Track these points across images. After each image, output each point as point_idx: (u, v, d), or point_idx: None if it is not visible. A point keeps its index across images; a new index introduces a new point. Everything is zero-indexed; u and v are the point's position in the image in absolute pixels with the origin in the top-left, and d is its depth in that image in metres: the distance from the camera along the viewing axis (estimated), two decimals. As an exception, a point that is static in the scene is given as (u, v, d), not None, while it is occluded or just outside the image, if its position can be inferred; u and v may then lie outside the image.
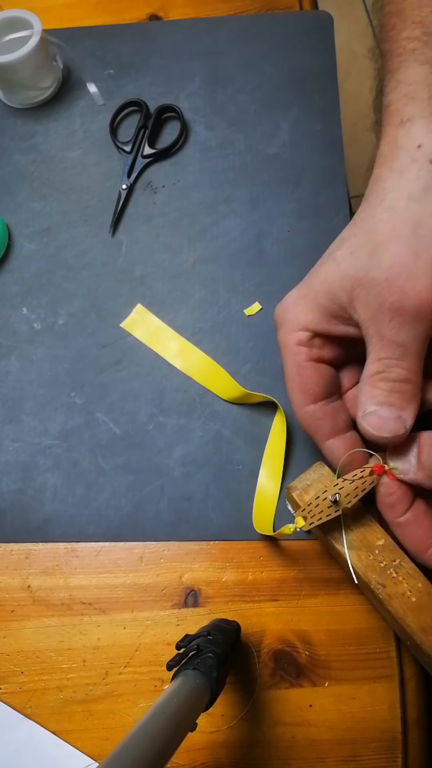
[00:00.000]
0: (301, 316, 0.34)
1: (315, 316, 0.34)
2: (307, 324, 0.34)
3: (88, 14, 0.60)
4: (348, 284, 0.32)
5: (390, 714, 0.37)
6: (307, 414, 0.35)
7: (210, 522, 0.41)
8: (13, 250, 0.50)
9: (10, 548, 0.41)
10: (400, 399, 0.32)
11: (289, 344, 0.34)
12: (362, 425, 0.33)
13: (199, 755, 0.36)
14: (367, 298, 0.32)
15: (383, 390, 0.32)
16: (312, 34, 0.56)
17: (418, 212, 0.32)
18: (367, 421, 0.32)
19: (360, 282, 0.32)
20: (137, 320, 0.47)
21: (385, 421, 0.32)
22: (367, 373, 0.33)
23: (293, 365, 0.34)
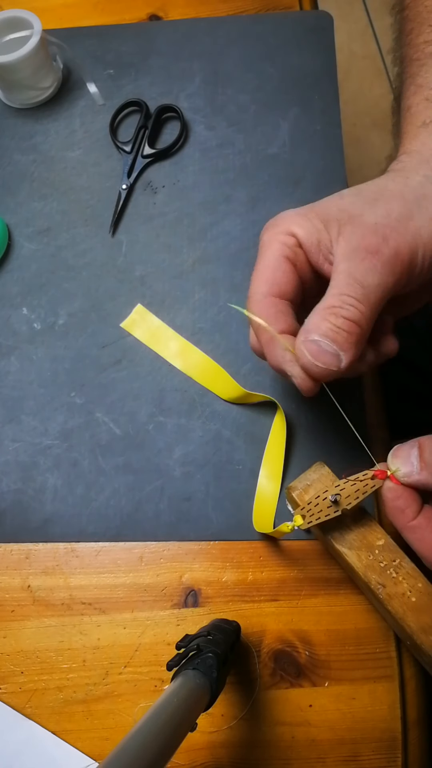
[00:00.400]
0: (294, 225, 0.34)
1: (307, 231, 0.33)
2: (298, 233, 0.33)
3: (88, 14, 0.60)
4: (343, 218, 0.33)
5: (390, 714, 0.37)
6: (270, 303, 0.33)
7: (210, 522, 0.41)
8: (13, 250, 0.50)
9: (10, 548, 0.41)
10: (344, 339, 0.31)
11: (275, 241, 0.34)
12: (300, 349, 0.32)
13: (199, 755, 0.36)
14: (351, 236, 0.32)
15: (332, 324, 0.31)
16: (312, 34, 0.56)
17: (429, 190, 0.33)
18: (306, 346, 0.31)
19: (353, 219, 0.32)
20: (137, 320, 0.47)
21: (323, 352, 0.31)
22: (322, 304, 0.32)
23: (272, 258, 0.33)
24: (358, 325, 0.31)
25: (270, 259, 0.33)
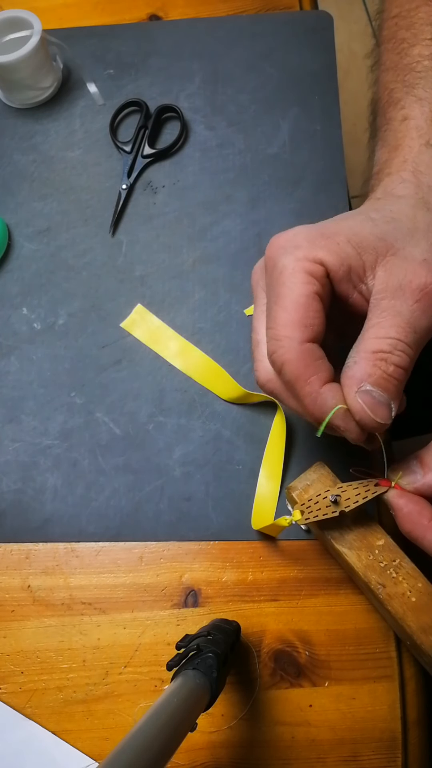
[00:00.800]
0: (320, 251, 0.30)
1: (335, 259, 0.30)
2: (325, 260, 0.30)
3: (88, 14, 0.60)
4: (381, 247, 0.30)
5: (390, 714, 0.37)
6: (308, 351, 0.29)
7: (210, 522, 0.41)
8: (13, 250, 0.50)
9: (10, 548, 0.41)
10: (394, 387, 0.29)
11: (300, 272, 0.30)
12: (356, 401, 0.29)
13: (199, 755, 0.36)
14: (394, 269, 0.29)
15: (383, 372, 0.29)
16: (312, 34, 0.56)
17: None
18: (362, 398, 0.29)
19: (395, 251, 0.30)
20: (137, 320, 0.47)
21: (379, 404, 0.29)
22: (369, 346, 0.29)
23: (299, 294, 0.29)
24: (406, 372, 0.29)
25: (299, 295, 0.30)
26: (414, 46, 0.37)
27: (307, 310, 0.29)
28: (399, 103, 0.37)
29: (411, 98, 0.36)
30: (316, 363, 0.30)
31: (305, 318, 0.29)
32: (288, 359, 0.30)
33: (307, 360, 0.29)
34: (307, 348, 0.29)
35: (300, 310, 0.29)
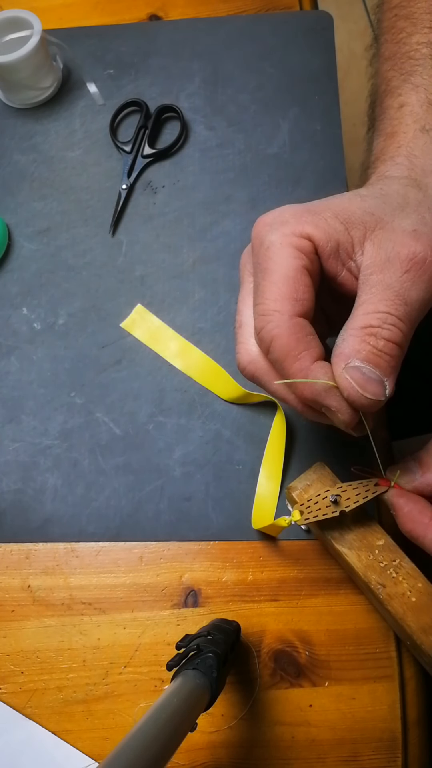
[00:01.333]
0: (309, 226, 0.29)
1: (322, 234, 0.29)
2: (313, 235, 0.29)
3: (88, 14, 0.60)
4: (370, 221, 0.29)
5: (390, 714, 0.37)
6: (298, 325, 0.28)
7: (210, 522, 0.41)
8: (13, 250, 0.50)
9: (10, 548, 0.41)
10: (387, 363, 0.28)
11: (288, 246, 0.29)
12: (344, 377, 0.28)
13: (199, 755, 0.36)
14: (382, 242, 0.28)
15: (372, 347, 0.28)
16: (312, 34, 0.56)
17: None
18: (351, 374, 0.27)
19: (383, 224, 0.29)
20: (137, 320, 0.47)
21: (369, 380, 0.27)
22: (358, 323, 0.28)
23: (288, 267, 0.29)
24: (399, 346, 0.28)
25: (287, 268, 0.29)
26: (413, 35, 0.37)
27: (296, 283, 0.29)
28: (396, 91, 0.36)
29: (408, 86, 0.36)
30: (307, 338, 0.29)
31: (295, 291, 0.29)
32: (277, 334, 0.29)
33: (298, 334, 0.29)
34: (297, 322, 0.29)
35: (289, 283, 0.29)
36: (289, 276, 0.29)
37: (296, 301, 0.29)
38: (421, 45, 0.36)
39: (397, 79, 0.37)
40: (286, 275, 0.29)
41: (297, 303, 0.29)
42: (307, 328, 0.29)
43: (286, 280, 0.29)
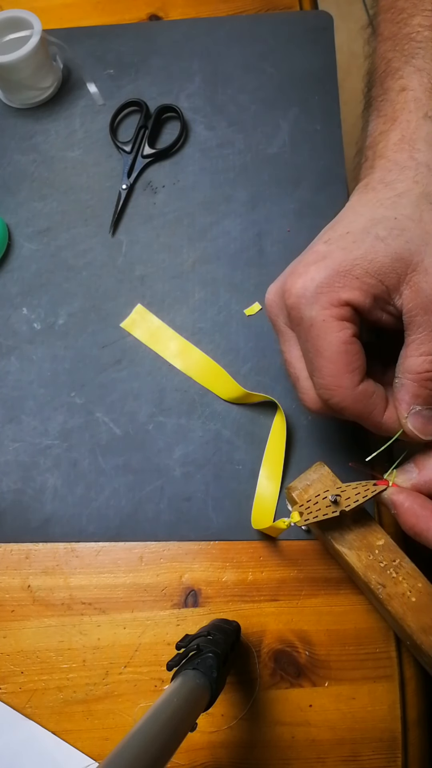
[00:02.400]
0: (343, 292, 0.30)
1: (359, 295, 0.30)
2: (351, 300, 0.30)
3: (88, 14, 0.60)
4: (400, 266, 0.30)
5: (390, 714, 0.37)
6: (362, 393, 0.31)
7: (210, 522, 0.41)
8: (13, 250, 0.50)
9: (10, 548, 0.41)
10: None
11: (330, 321, 0.30)
12: (407, 425, 0.31)
13: (199, 755, 0.36)
14: (419, 284, 0.30)
15: (430, 391, 0.30)
16: (312, 34, 0.56)
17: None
18: (413, 422, 0.31)
19: (415, 266, 0.30)
20: (137, 320, 0.47)
21: (428, 422, 0.31)
22: (413, 367, 0.30)
23: (338, 343, 0.30)
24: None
25: (337, 345, 0.30)
26: (414, 15, 0.36)
27: (349, 356, 0.31)
28: (397, 73, 0.36)
29: (410, 68, 0.35)
30: (372, 400, 0.31)
31: (350, 364, 0.31)
32: (346, 405, 0.31)
33: (365, 401, 0.31)
34: (359, 391, 0.31)
35: (343, 358, 0.30)
36: (341, 351, 0.30)
37: (353, 372, 0.31)
38: (423, 28, 0.35)
39: (398, 60, 0.36)
40: (338, 351, 0.30)
41: (354, 374, 0.31)
42: (369, 390, 0.31)
43: (339, 356, 0.30)
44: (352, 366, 0.31)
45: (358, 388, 0.31)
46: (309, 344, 0.32)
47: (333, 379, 0.31)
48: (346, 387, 0.31)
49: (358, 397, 0.31)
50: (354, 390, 0.31)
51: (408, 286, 0.30)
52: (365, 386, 0.31)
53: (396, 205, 0.32)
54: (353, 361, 0.31)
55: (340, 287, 0.30)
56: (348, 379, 0.31)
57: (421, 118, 0.33)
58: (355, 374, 0.31)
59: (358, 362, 0.31)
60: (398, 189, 0.32)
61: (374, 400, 0.32)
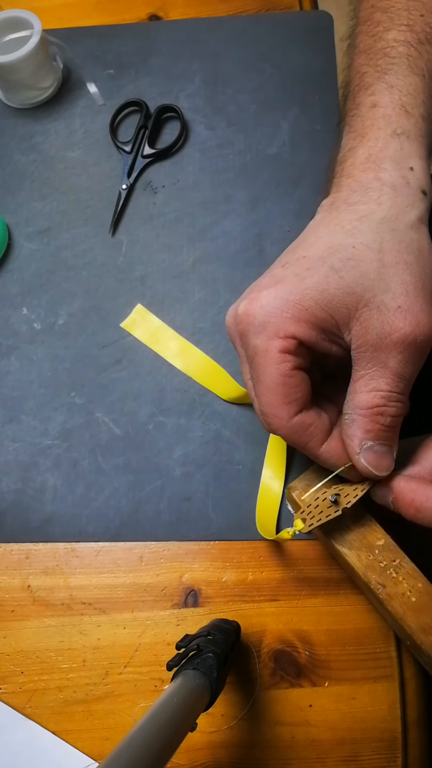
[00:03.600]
0: (290, 323, 0.30)
1: (306, 327, 0.30)
2: (296, 333, 0.30)
3: (88, 14, 0.60)
4: (351, 301, 0.30)
5: (390, 714, 0.37)
6: (298, 425, 0.31)
7: (210, 522, 0.41)
8: (13, 250, 0.50)
9: (10, 548, 0.41)
10: (393, 435, 0.31)
11: (272, 351, 0.30)
12: (360, 462, 0.31)
13: (199, 755, 0.36)
14: (370, 322, 0.29)
15: (381, 426, 0.30)
16: (312, 34, 0.56)
17: (418, 242, 0.31)
18: (365, 457, 0.31)
19: (366, 302, 0.29)
20: (137, 320, 0.47)
21: (381, 457, 0.31)
22: (363, 403, 0.30)
23: (276, 375, 0.31)
24: (401, 417, 0.31)
25: (277, 376, 0.31)
26: (389, 30, 0.36)
27: (287, 388, 0.31)
28: (369, 89, 0.35)
29: (382, 84, 0.35)
30: (309, 431, 0.31)
31: (287, 396, 0.31)
32: (283, 433, 0.32)
33: (300, 433, 0.31)
34: (296, 422, 0.31)
35: (281, 389, 0.31)
36: (280, 383, 0.31)
37: (290, 404, 0.31)
38: (397, 43, 0.35)
39: (371, 75, 0.36)
40: (276, 383, 0.31)
41: (291, 405, 0.31)
42: (307, 421, 0.31)
43: (277, 387, 0.31)
44: (289, 398, 0.31)
45: (294, 419, 0.31)
46: (253, 371, 0.32)
47: (270, 408, 0.31)
48: (281, 417, 0.31)
49: (293, 428, 0.31)
50: (289, 421, 0.31)
51: (358, 322, 0.30)
52: (302, 418, 0.31)
53: (356, 231, 0.31)
54: (291, 393, 0.31)
55: (287, 317, 0.30)
56: (285, 411, 0.31)
57: (389, 136, 0.33)
58: (292, 406, 0.31)
59: (297, 394, 0.31)
60: (360, 212, 0.32)
61: (312, 431, 0.32)
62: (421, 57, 0.34)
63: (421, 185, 0.32)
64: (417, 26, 0.35)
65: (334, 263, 0.30)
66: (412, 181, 0.32)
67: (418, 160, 0.32)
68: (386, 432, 0.31)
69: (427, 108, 0.34)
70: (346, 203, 0.32)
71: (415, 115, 0.33)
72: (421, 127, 0.33)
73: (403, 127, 0.33)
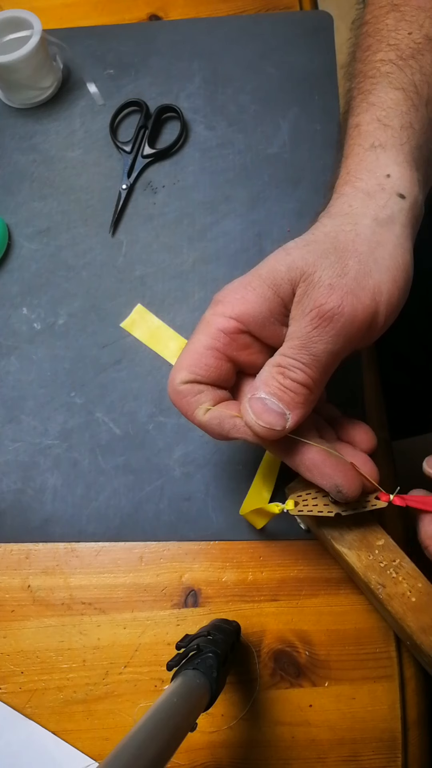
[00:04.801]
0: (239, 304, 0.31)
1: (253, 308, 0.31)
2: (242, 314, 0.31)
3: (88, 14, 0.60)
4: (295, 276, 0.30)
5: (390, 714, 0.37)
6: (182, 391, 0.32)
7: (210, 522, 0.41)
8: (13, 250, 0.50)
9: (10, 548, 0.41)
10: (291, 398, 0.30)
11: (211, 326, 0.31)
12: (245, 407, 0.31)
13: (199, 755, 0.36)
14: (303, 296, 0.30)
15: (279, 383, 0.30)
16: (312, 34, 0.56)
17: (380, 236, 0.31)
18: (251, 403, 0.30)
19: (305, 275, 0.30)
20: (137, 320, 0.47)
21: (269, 411, 0.30)
22: (271, 361, 0.31)
23: (200, 345, 0.32)
24: (305, 387, 0.30)
25: (197, 346, 0.32)
26: (377, 52, 0.36)
27: (198, 360, 0.31)
28: (355, 111, 0.36)
29: (364, 105, 0.35)
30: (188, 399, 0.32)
31: (192, 365, 0.32)
32: (171, 398, 0.33)
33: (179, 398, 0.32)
34: (184, 387, 0.32)
35: (192, 357, 0.32)
36: (195, 351, 0.32)
37: (189, 373, 0.32)
38: (382, 63, 0.35)
39: (357, 99, 0.36)
40: (194, 349, 0.32)
41: (189, 374, 0.32)
42: (195, 390, 0.32)
43: (190, 354, 0.32)
44: (192, 368, 0.32)
45: (182, 385, 0.32)
46: None
47: (175, 367, 0.32)
48: (174, 378, 0.32)
49: (176, 390, 0.32)
50: (177, 384, 0.32)
51: (296, 297, 0.30)
52: (190, 387, 0.32)
53: (320, 224, 0.32)
54: (197, 365, 0.31)
55: (237, 298, 0.31)
56: (180, 374, 0.32)
57: (367, 150, 0.33)
58: (188, 375, 0.32)
59: (201, 370, 0.32)
60: (331, 211, 0.33)
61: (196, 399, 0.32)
62: (403, 72, 0.34)
63: (397, 189, 0.32)
64: (402, 44, 0.35)
65: (289, 245, 0.31)
66: (387, 186, 0.32)
67: (396, 167, 0.33)
68: (282, 392, 0.30)
69: (410, 117, 0.34)
70: (326, 212, 0.33)
71: (392, 126, 0.33)
72: (399, 135, 0.33)
73: (379, 140, 0.33)
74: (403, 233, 0.32)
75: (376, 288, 0.30)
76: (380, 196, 0.32)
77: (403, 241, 0.31)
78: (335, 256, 0.30)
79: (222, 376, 0.32)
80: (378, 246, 0.31)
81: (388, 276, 0.30)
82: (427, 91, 0.34)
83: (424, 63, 0.35)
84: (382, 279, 0.30)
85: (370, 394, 0.44)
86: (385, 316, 0.30)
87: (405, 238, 0.32)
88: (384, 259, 0.30)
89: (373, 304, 0.30)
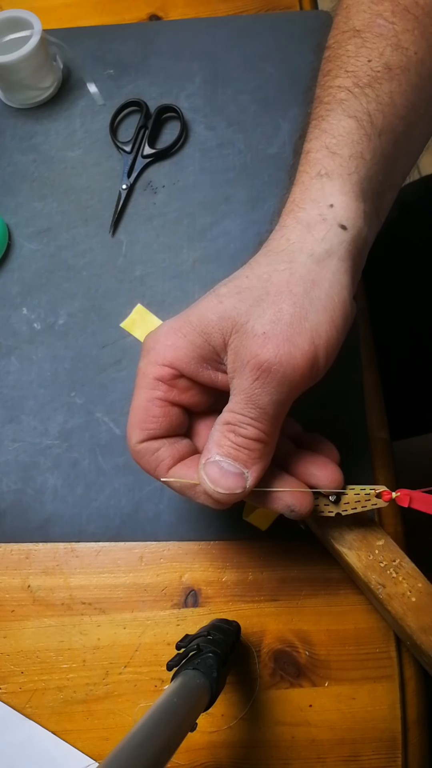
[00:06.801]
0: (169, 351, 0.30)
1: (184, 355, 0.30)
2: (174, 361, 0.31)
3: (88, 14, 0.60)
4: (226, 326, 0.29)
5: (390, 714, 0.37)
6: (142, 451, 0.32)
7: (210, 522, 0.41)
8: (13, 250, 0.50)
9: (10, 548, 0.41)
10: (247, 456, 0.29)
11: (147, 377, 0.31)
12: (200, 474, 0.30)
13: (199, 755, 0.36)
14: (238, 347, 0.29)
15: (231, 442, 0.29)
16: (312, 34, 0.56)
17: (316, 274, 0.30)
18: (206, 470, 0.30)
19: (238, 326, 0.29)
20: (137, 320, 0.47)
21: (225, 474, 0.29)
22: (220, 419, 0.30)
23: (142, 400, 0.31)
24: (259, 441, 0.29)
25: (141, 400, 0.32)
26: (336, 78, 0.35)
27: (146, 414, 0.31)
28: (308, 137, 0.35)
29: (316, 131, 0.34)
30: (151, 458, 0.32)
31: (142, 422, 0.32)
32: (133, 457, 0.33)
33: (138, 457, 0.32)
34: (142, 448, 0.32)
35: (140, 413, 0.32)
36: (141, 407, 0.32)
37: (142, 431, 0.32)
38: (339, 89, 0.34)
39: (311, 124, 0.36)
40: (139, 406, 0.32)
41: (142, 432, 0.32)
42: (152, 448, 0.32)
43: (137, 411, 0.32)
44: (142, 425, 0.32)
45: (140, 446, 0.32)
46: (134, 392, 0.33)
47: (129, 427, 0.32)
48: (130, 439, 0.32)
49: (139, 453, 0.32)
50: (136, 445, 0.32)
51: (230, 348, 0.30)
52: (147, 446, 0.32)
53: (254, 263, 0.31)
54: (146, 421, 0.31)
55: (168, 345, 0.31)
56: (134, 435, 0.32)
57: (314, 178, 0.33)
58: (142, 433, 0.32)
59: (152, 425, 0.31)
60: (269, 246, 0.32)
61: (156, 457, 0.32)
62: (358, 100, 0.33)
63: (339, 220, 0.31)
64: (360, 71, 0.34)
65: (221, 291, 0.30)
66: (329, 216, 0.31)
67: (341, 197, 0.32)
68: (237, 451, 0.29)
69: (361, 147, 0.33)
70: (266, 247, 0.32)
71: (341, 154, 0.32)
72: (347, 165, 0.32)
73: (326, 168, 0.32)
74: (340, 268, 0.30)
75: (314, 331, 0.29)
76: (320, 227, 0.31)
77: (340, 277, 0.30)
78: (268, 301, 0.29)
79: (174, 423, 0.32)
80: (314, 285, 0.29)
81: (325, 317, 0.29)
82: (381, 121, 0.33)
83: (381, 92, 0.33)
84: (319, 320, 0.29)
85: (370, 394, 0.44)
86: (325, 358, 0.29)
87: (343, 273, 0.30)
88: (320, 299, 0.29)
89: (312, 348, 0.29)
